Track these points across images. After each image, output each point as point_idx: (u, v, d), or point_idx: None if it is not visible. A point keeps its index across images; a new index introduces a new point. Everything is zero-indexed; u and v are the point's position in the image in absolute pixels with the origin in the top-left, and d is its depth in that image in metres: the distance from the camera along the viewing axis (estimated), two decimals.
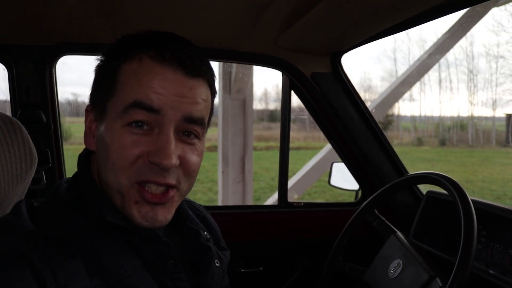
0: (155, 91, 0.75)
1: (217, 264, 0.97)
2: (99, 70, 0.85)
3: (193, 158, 0.81)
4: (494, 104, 28.49)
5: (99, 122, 0.82)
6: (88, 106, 0.87)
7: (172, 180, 0.79)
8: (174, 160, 0.76)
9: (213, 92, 0.88)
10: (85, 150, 0.89)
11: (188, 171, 0.81)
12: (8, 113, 1.48)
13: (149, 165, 0.76)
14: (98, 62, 0.85)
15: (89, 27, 1.47)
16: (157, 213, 0.79)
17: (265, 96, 32.75)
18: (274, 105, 31.63)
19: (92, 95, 0.86)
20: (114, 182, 0.78)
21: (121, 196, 0.78)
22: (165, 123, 0.76)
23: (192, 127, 0.80)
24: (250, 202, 7.04)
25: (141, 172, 0.76)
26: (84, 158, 0.88)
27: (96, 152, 0.84)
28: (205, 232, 1.01)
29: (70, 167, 1.75)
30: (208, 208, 1.33)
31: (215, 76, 0.88)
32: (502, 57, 27.40)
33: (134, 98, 0.75)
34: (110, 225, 0.78)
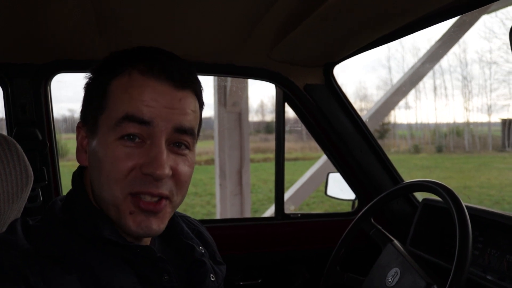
0: (146, 104, 0.77)
1: (212, 279, 0.97)
2: (88, 87, 0.86)
3: (184, 169, 0.82)
4: (489, 110, 28.59)
5: (91, 137, 0.83)
6: (79, 123, 0.88)
7: (165, 191, 0.79)
8: (167, 170, 0.77)
9: (200, 104, 0.89)
10: (79, 168, 0.90)
11: (180, 182, 0.82)
12: (3, 131, 1.49)
13: (142, 177, 0.77)
14: (87, 79, 0.87)
15: (84, 44, 1.49)
16: (151, 222, 0.80)
17: (262, 108, 32.75)
18: (271, 116, 31.64)
19: (83, 112, 0.87)
20: (108, 194, 0.78)
21: (115, 209, 0.79)
22: (157, 134, 0.78)
23: (183, 137, 0.81)
24: (248, 214, 7.03)
25: (134, 183, 0.77)
26: (78, 176, 0.88)
27: (89, 167, 0.84)
28: (200, 247, 1.01)
29: (67, 183, 1.75)
30: (205, 222, 1.33)
31: (202, 87, 0.89)
32: (495, 63, 27.54)
33: (126, 111, 0.77)
34: (105, 242, 0.79)
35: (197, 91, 0.87)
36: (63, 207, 0.85)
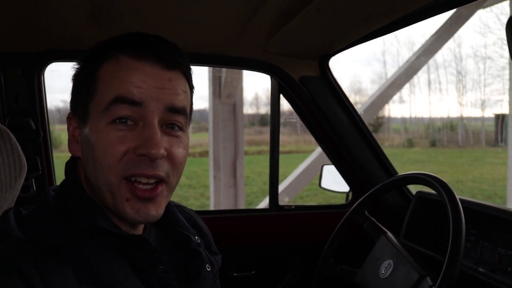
0: (136, 85, 0.77)
1: (208, 269, 0.97)
2: (77, 77, 0.86)
3: (179, 150, 0.82)
4: (483, 105, 28.70)
5: (82, 126, 0.82)
6: (69, 113, 0.87)
7: (161, 172, 0.79)
8: (162, 150, 0.77)
9: (191, 86, 0.89)
10: (72, 157, 0.90)
11: (175, 164, 0.82)
12: None
13: (136, 159, 0.77)
14: (75, 70, 0.87)
15: (78, 34, 1.48)
16: (149, 209, 0.80)
17: (256, 100, 32.74)
18: (265, 109, 31.66)
19: (73, 102, 0.86)
20: (103, 181, 0.78)
21: (111, 195, 0.79)
22: (149, 115, 0.77)
23: (175, 118, 0.81)
24: (242, 206, 7.04)
25: (128, 166, 0.77)
26: (71, 166, 0.88)
27: (82, 157, 0.84)
28: (196, 237, 1.01)
29: (60, 174, 1.74)
30: (199, 212, 1.33)
31: (191, 70, 0.90)
32: (489, 58, 27.57)
33: (115, 93, 0.77)
34: (100, 232, 0.79)
35: (186, 73, 0.87)
36: (57, 197, 0.84)
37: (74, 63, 0.87)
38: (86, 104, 0.81)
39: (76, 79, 0.86)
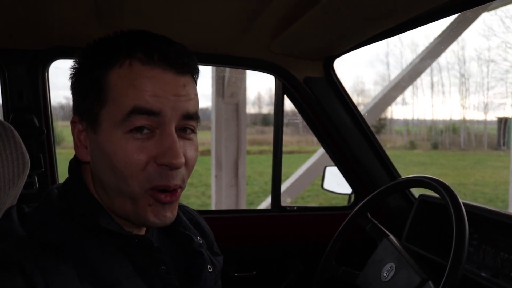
0: (152, 94, 0.75)
1: (209, 270, 0.97)
2: (80, 78, 0.82)
3: (192, 153, 0.82)
4: (486, 108, 28.67)
5: (92, 132, 0.80)
6: (74, 117, 0.84)
7: (179, 181, 0.80)
8: (183, 159, 0.77)
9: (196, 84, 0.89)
10: (75, 156, 0.88)
11: (189, 168, 0.83)
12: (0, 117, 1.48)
13: (158, 169, 0.76)
14: (75, 69, 0.83)
15: (83, 31, 1.47)
16: (167, 211, 0.80)
17: (259, 100, 32.71)
18: (268, 109, 31.64)
19: (77, 106, 0.83)
20: (125, 190, 0.77)
21: (132, 201, 0.78)
22: (167, 124, 0.76)
23: (189, 122, 0.81)
24: (243, 206, 7.03)
25: (151, 178, 0.76)
26: (75, 165, 0.87)
27: (92, 163, 0.82)
28: (198, 237, 1.01)
29: (63, 171, 1.74)
30: (201, 212, 1.33)
31: (199, 70, 0.88)
32: (493, 61, 27.52)
33: (133, 104, 0.75)
34: (102, 231, 0.78)
35: (195, 75, 0.86)
36: (60, 195, 0.83)
37: (73, 61, 0.84)
38: (96, 111, 0.78)
39: (78, 80, 0.83)
